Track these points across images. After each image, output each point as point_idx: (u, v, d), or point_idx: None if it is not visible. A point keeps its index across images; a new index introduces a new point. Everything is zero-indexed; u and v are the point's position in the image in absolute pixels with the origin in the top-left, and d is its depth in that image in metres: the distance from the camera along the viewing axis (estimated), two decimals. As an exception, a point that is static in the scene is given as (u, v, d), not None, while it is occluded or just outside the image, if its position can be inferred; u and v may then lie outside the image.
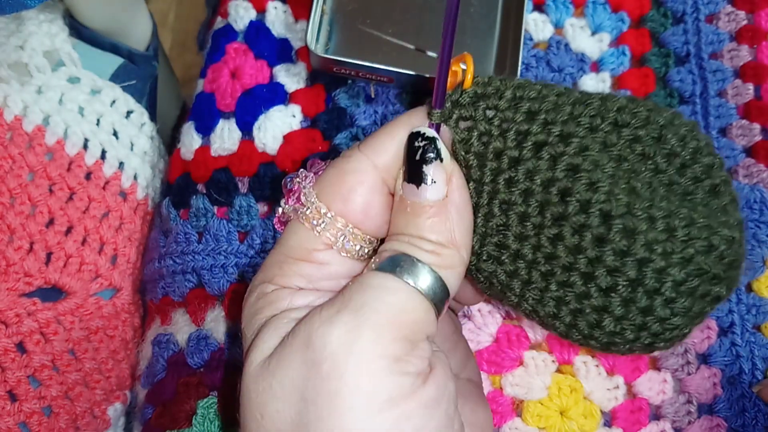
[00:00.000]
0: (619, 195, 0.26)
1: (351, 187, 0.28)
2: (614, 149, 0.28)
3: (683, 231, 0.26)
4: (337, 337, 0.24)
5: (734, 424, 0.40)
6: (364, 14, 0.46)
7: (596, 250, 0.26)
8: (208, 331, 0.41)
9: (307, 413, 0.24)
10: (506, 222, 0.28)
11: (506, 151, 0.28)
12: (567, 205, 0.27)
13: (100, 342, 0.44)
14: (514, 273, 0.29)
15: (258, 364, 0.26)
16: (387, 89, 0.46)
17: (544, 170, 0.27)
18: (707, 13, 0.49)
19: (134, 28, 0.52)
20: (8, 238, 0.40)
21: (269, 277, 0.29)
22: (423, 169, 0.27)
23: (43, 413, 0.40)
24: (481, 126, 0.28)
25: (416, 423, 0.24)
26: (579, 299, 0.28)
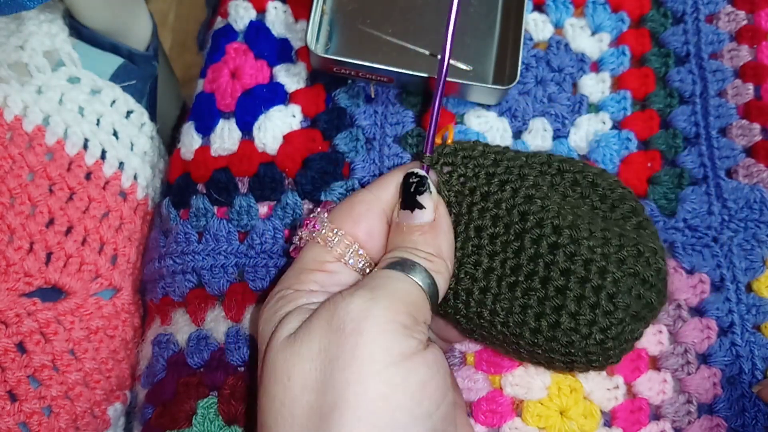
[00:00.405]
0: (566, 214, 0.34)
1: (360, 212, 0.35)
2: (559, 187, 0.37)
3: (616, 240, 0.34)
4: (357, 305, 0.30)
5: (734, 424, 0.40)
6: (364, 14, 0.46)
7: (550, 255, 0.34)
8: (208, 331, 0.41)
9: (332, 368, 0.29)
10: (480, 243, 0.36)
11: (479, 188, 0.36)
12: (526, 222, 0.35)
13: (100, 342, 0.44)
14: (486, 288, 0.35)
15: (284, 339, 0.31)
16: (387, 89, 0.46)
17: (507, 199, 0.35)
18: (707, 13, 0.49)
19: (134, 28, 0.52)
20: (8, 238, 0.40)
21: (287, 285, 0.34)
22: (416, 198, 0.35)
23: (43, 413, 0.40)
24: (460, 170, 0.37)
25: (421, 377, 0.29)
26: (540, 302, 0.34)
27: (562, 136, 0.45)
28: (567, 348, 0.34)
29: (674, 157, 0.45)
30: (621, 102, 0.46)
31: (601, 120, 0.46)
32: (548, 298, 0.34)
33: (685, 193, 0.44)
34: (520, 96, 0.46)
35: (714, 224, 0.43)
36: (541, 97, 0.46)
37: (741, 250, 0.43)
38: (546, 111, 0.46)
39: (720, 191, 0.44)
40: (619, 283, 0.33)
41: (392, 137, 0.45)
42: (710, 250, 0.43)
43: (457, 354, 0.40)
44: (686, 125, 0.46)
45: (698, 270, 0.42)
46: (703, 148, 0.45)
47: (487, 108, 0.45)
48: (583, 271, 0.33)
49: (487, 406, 0.39)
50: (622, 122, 0.46)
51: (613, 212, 0.37)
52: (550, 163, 0.37)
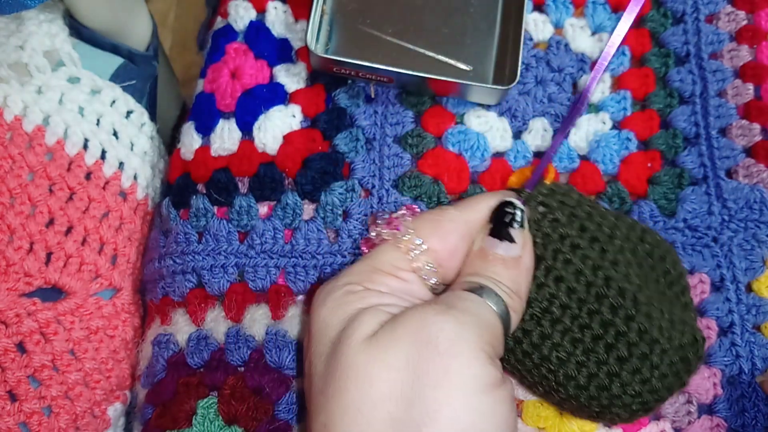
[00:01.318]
0: (643, 290, 0.35)
1: (448, 230, 0.35)
2: (637, 256, 0.37)
3: (680, 325, 0.35)
4: (451, 326, 0.30)
5: (734, 424, 0.40)
6: (364, 14, 0.46)
7: (624, 325, 0.34)
8: (208, 331, 0.41)
9: (420, 383, 0.28)
10: (556, 293, 0.35)
11: (569, 238, 0.36)
12: (609, 288, 0.35)
13: (100, 342, 0.44)
14: (548, 336, 0.35)
15: (363, 340, 0.30)
16: (387, 89, 0.46)
17: (595, 258, 0.35)
18: (707, 13, 0.49)
19: (134, 28, 0.52)
20: (8, 238, 0.40)
21: (357, 280, 0.34)
22: (508, 230, 0.34)
23: (43, 413, 0.40)
24: (556, 214, 0.36)
25: (505, 409, 0.30)
26: (598, 365, 0.35)
27: (562, 136, 0.45)
28: (604, 409, 0.35)
29: (674, 157, 0.45)
30: (621, 102, 0.46)
31: (601, 120, 0.46)
32: (606, 364, 0.34)
33: (685, 193, 0.44)
34: (520, 96, 0.46)
35: (714, 224, 0.43)
36: (541, 97, 0.46)
37: (741, 251, 0.43)
38: (546, 111, 0.46)
39: (720, 191, 0.44)
40: (673, 366, 0.35)
41: (392, 137, 0.45)
42: (710, 250, 0.43)
43: (457, 354, 0.40)
44: (686, 125, 0.46)
45: (698, 270, 0.42)
46: (703, 148, 0.45)
47: (487, 108, 0.45)
48: (648, 348, 0.34)
49: (487, 406, 0.39)
50: (622, 122, 0.46)
51: (669, 289, 0.38)
52: (634, 229, 0.38)
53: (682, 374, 0.35)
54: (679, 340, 0.35)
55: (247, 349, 0.40)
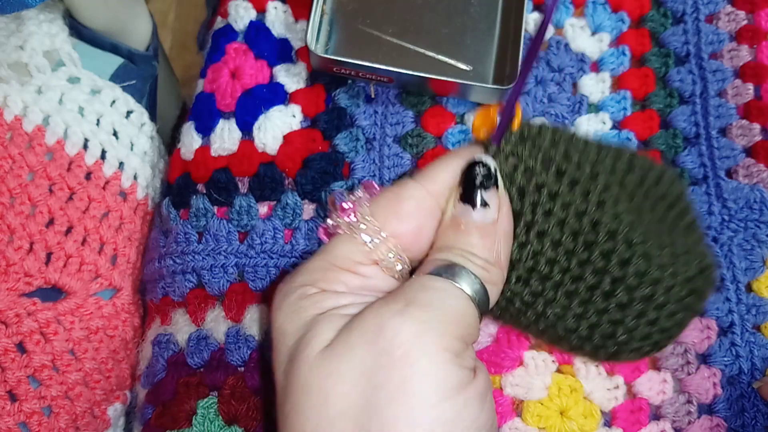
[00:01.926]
0: (637, 226, 0.31)
1: (408, 211, 0.31)
2: (627, 188, 0.33)
3: (684, 257, 0.32)
4: (409, 326, 0.27)
5: (734, 424, 0.40)
6: (364, 14, 0.46)
7: (620, 270, 0.31)
8: (208, 331, 0.41)
9: (377, 397, 0.26)
10: (541, 249, 0.32)
11: (546, 186, 0.32)
12: (597, 234, 0.31)
13: (100, 342, 0.44)
14: (540, 293, 0.32)
15: (318, 353, 0.28)
16: (387, 89, 0.46)
17: (577, 203, 0.31)
18: (707, 13, 0.49)
19: (134, 28, 0.52)
20: (8, 238, 0.40)
21: (311, 280, 0.31)
22: (480, 193, 0.30)
23: (43, 413, 0.40)
24: (528, 162, 0.32)
25: (473, 411, 0.27)
26: (599, 314, 0.32)
27: (562, 136, 0.45)
28: (613, 355, 0.33)
29: (674, 157, 0.45)
30: (621, 102, 0.46)
31: (601, 120, 0.46)
32: (607, 312, 0.32)
33: (685, 193, 0.44)
34: (520, 96, 0.46)
35: (714, 224, 0.43)
36: (541, 97, 0.46)
37: (741, 250, 0.43)
38: (546, 111, 0.46)
39: (720, 191, 0.44)
40: (682, 302, 0.32)
41: (392, 137, 0.45)
42: (710, 250, 0.43)
43: (457, 354, 0.40)
44: (686, 125, 0.46)
45: (698, 270, 0.42)
46: (703, 148, 0.45)
47: (487, 108, 0.45)
48: (651, 290, 0.31)
49: (487, 406, 0.39)
50: (622, 122, 0.46)
51: (668, 213, 0.34)
52: (620, 159, 0.33)
53: (695, 305, 0.32)
54: (685, 273, 0.32)
55: (247, 349, 0.40)
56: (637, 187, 0.33)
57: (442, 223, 0.31)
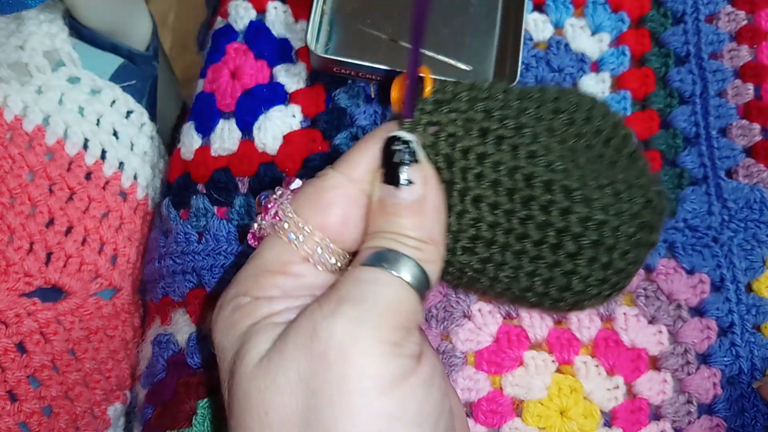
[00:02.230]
0: (573, 171, 0.30)
1: (329, 201, 0.29)
2: (557, 133, 0.31)
3: (627, 193, 0.30)
4: (341, 326, 0.26)
5: (734, 424, 0.40)
6: (364, 14, 0.46)
7: (563, 221, 0.30)
8: (208, 330, 0.41)
9: (315, 402, 0.25)
10: (479, 215, 0.31)
11: (473, 148, 0.30)
12: (533, 188, 0.30)
13: (100, 342, 0.44)
14: (488, 259, 0.31)
15: (254, 365, 0.27)
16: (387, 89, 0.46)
17: (507, 160, 0.30)
18: (707, 13, 0.49)
19: (134, 28, 0.52)
20: (8, 238, 0.40)
21: (243, 290, 0.30)
22: (401, 171, 0.29)
23: (43, 413, 0.40)
24: (449, 128, 0.30)
25: (418, 400, 0.26)
26: (550, 268, 0.31)
27: (562, 136, 0.45)
28: (575, 304, 0.32)
29: (674, 157, 0.45)
30: (621, 102, 0.46)
31: (601, 120, 0.46)
32: (559, 264, 0.31)
33: (685, 193, 0.44)
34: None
35: (714, 224, 0.43)
36: (541, 97, 0.46)
37: (741, 251, 0.43)
38: (546, 111, 0.46)
39: (720, 191, 0.44)
40: (633, 238, 0.31)
41: (392, 137, 0.45)
42: (710, 250, 0.43)
43: (458, 354, 0.40)
44: (686, 125, 0.46)
45: (698, 270, 0.42)
46: (703, 148, 0.45)
47: (487, 108, 0.45)
48: (597, 234, 0.30)
49: (487, 406, 0.39)
50: (622, 122, 0.46)
51: (606, 146, 0.33)
52: (544, 104, 0.32)
53: (647, 239, 0.31)
54: (630, 209, 0.30)
55: (247, 349, 0.40)
56: (568, 128, 0.32)
57: (371, 209, 0.30)
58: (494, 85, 0.32)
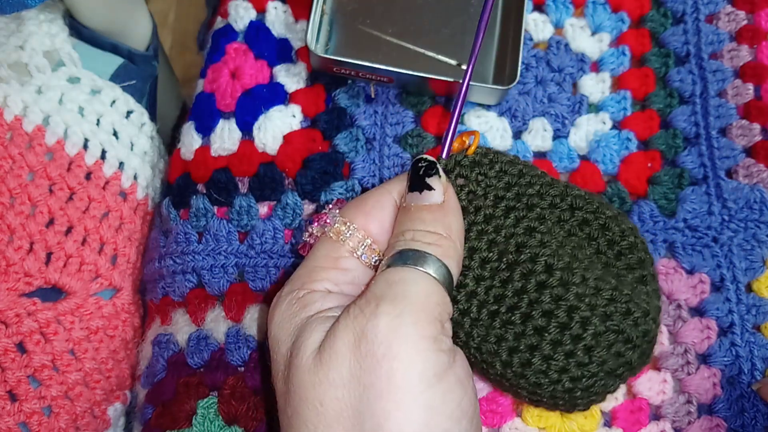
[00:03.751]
0: (562, 255, 0.34)
1: (372, 206, 0.34)
2: (566, 225, 0.36)
3: (608, 293, 0.33)
4: (385, 325, 0.28)
5: (734, 424, 0.40)
6: (364, 14, 0.46)
7: (537, 293, 0.33)
8: (208, 331, 0.41)
9: (367, 396, 0.28)
10: (469, 264, 0.34)
11: (484, 209, 0.35)
12: (520, 255, 0.34)
13: (100, 342, 0.44)
14: (466, 311, 0.34)
15: (309, 357, 0.30)
16: (387, 89, 0.46)
17: (508, 227, 0.35)
18: (707, 13, 0.49)
19: (134, 28, 0.52)
20: (8, 238, 0.40)
21: (299, 284, 0.33)
22: (425, 180, 0.34)
23: (43, 413, 0.40)
24: (471, 186, 0.36)
25: (457, 395, 0.29)
26: (516, 337, 0.33)
27: (562, 136, 0.45)
28: (534, 388, 0.34)
29: (674, 157, 0.45)
30: (621, 102, 0.46)
31: (601, 120, 0.46)
32: (525, 336, 0.33)
33: (685, 193, 0.44)
34: (520, 96, 0.46)
35: (714, 224, 0.43)
36: (541, 97, 0.46)
37: (741, 251, 0.43)
38: (546, 111, 0.46)
39: (720, 191, 0.44)
40: (600, 337, 0.33)
41: (392, 137, 0.45)
42: (710, 250, 0.43)
43: (457, 354, 0.40)
44: (686, 125, 0.46)
45: (698, 270, 0.42)
46: (703, 148, 0.45)
47: (487, 108, 0.45)
48: (566, 317, 0.33)
49: (487, 406, 0.39)
50: (622, 122, 0.46)
51: (618, 260, 0.36)
52: (563, 197, 0.36)
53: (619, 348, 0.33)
54: (605, 307, 0.33)
55: (247, 349, 0.40)
56: (580, 225, 0.36)
57: (399, 213, 0.34)
58: (529, 166, 0.37)
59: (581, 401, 0.34)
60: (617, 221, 0.36)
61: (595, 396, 0.34)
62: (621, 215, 0.37)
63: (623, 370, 0.34)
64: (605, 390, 0.34)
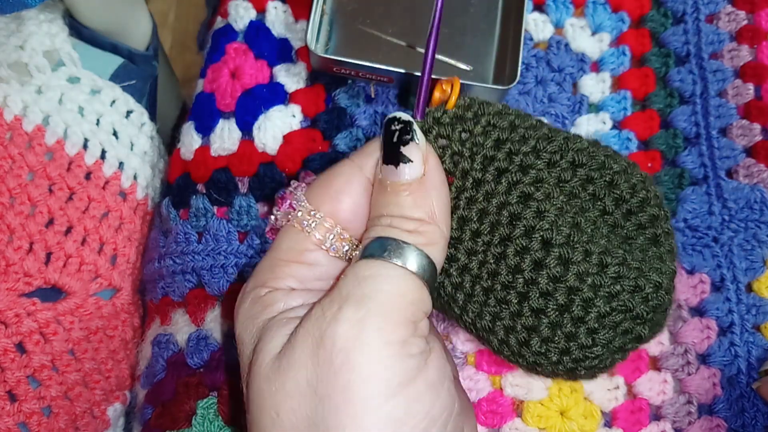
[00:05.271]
0: (562, 226, 0.29)
1: (339, 188, 0.29)
2: (567, 185, 0.30)
3: (614, 269, 0.29)
4: (345, 331, 0.26)
5: (734, 424, 0.40)
6: (364, 14, 0.46)
7: (533, 272, 0.29)
8: (207, 331, 0.41)
9: (323, 408, 0.25)
10: (460, 236, 0.30)
11: (471, 172, 0.30)
12: (514, 228, 0.29)
13: (99, 342, 0.43)
14: (459, 285, 0.31)
15: (268, 364, 0.27)
16: (387, 89, 0.46)
17: (500, 194, 0.29)
18: (707, 13, 0.49)
19: (134, 28, 0.52)
20: (8, 238, 0.40)
21: (261, 281, 0.30)
22: (400, 150, 0.28)
23: (43, 413, 0.40)
24: (455, 146, 0.30)
25: (426, 403, 0.26)
26: (512, 317, 0.30)
27: (563, 136, 0.45)
28: (532, 366, 0.31)
29: (674, 157, 0.45)
30: (621, 102, 0.46)
31: (601, 120, 0.46)
32: (521, 316, 0.29)
33: (686, 193, 0.44)
34: (521, 96, 0.46)
35: (714, 224, 0.43)
36: (542, 97, 0.46)
37: (741, 251, 0.43)
38: (546, 111, 0.46)
39: (720, 191, 0.44)
40: (604, 319, 0.29)
41: (392, 137, 0.45)
42: (710, 250, 0.43)
43: (458, 354, 0.40)
44: (686, 125, 0.46)
45: (698, 270, 0.42)
46: (703, 148, 0.45)
47: (487, 108, 0.45)
48: (565, 299, 0.29)
49: (487, 406, 0.39)
50: (622, 122, 0.46)
51: (627, 220, 0.31)
52: (564, 153, 0.30)
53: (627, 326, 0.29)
54: (610, 287, 0.29)
55: (247, 349, 0.40)
56: (583, 184, 0.30)
57: (374, 189, 0.30)
58: (522, 117, 0.31)
59: (585, 376, 0.31)
60: (626, 175, 0.31)
61: (600, 370, 0.31)
62: (631, 166, 0.31)
63: (633, 345, 0.30)
64: (612, 363, 0.31)
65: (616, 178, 0.30)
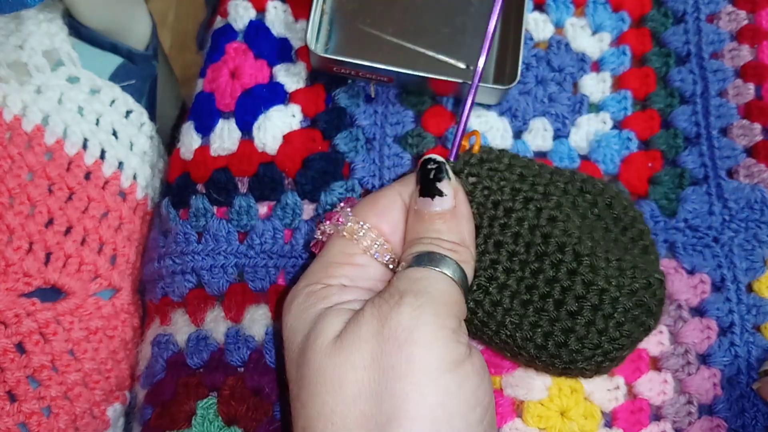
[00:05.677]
0: (585, 240, 0.35)
1: (384, 206, 0.36)
2: (579, 208, 0.37)
3: (630, 271, 0.35)
4: (408, 313, 0.30)
5: (734, 424, 0.40)
6: (364, 14, 0.46)
7: (568, 280, 0.35)
8: (207, 331, 0.41)
9: (387, 377, 0.29)
10: (498, 258, 0.36)
11: (502, 203, 0.36)
12: (548, 245, 0.35)
13: (99, 342, 0.43)
14: (498, 302, 0.35)
15: (329, 344, 0.31)
16: (387, 89, 0.46)
17: (530, 218, 0.36)
18: (708, 12, 0.48)
19: (134, 27, 0.52)
20: (7, 238, 0.40)
21: (315, 279, 0.34)
22: (436, 185, 0.35)
23: (43, 414, 0.40)
24: (485, 182, 0.37)
25: (473, 384, 0.30)
26: (551, 323, 0.35)
27: (563, 136, 0.45)
28: (567, 365, 0.35)
29: (675, 157, 0.45)
30: (621, 102, 0.46)
31: (601, 120, 0.46)
32: (559, 320, 0.35)
33: (686, 193, 0.44)
34: (521, 96, 0.46)
35: (715, 224, 0.43)
36: (542, 96, 0.46)
37: (742, 251, 0.43)
38: (546, 111, 0.46)
39: (721, 191, 0.44)
40: (628, 313, 0.35)
41: (392, 137, 0.45)
42: (711, 250, 0.43)
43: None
44: (687, 125, 0.46)
45: (699, 270, 0.42)
46: (703, 148, 0.45)
47: (487, 108, 0.45)
48: (597, 299, 0.34)
49: (487, 406, 0.39)
50: (622, 122, 0.46)
51: (623, 235, 0.38)
52: (573, 182, 0.38)
53: (642, 318, 0.35)
54: (630, 285, 0.35)
55: (247, 350, 0.40)
56: (590, 207, 0.38)
57: (409, 219, 0.35)
58: (530, 159, 0.38)
59: (606, 368, 0.36)
60: (619, 199, 0.38)
61: (618, 361, 0.36)
62: (620, 194, 0.39)
63: (644, 336, 0.36)
64: (628, 355, 0.37)
65: (613, 201, 0.38)
